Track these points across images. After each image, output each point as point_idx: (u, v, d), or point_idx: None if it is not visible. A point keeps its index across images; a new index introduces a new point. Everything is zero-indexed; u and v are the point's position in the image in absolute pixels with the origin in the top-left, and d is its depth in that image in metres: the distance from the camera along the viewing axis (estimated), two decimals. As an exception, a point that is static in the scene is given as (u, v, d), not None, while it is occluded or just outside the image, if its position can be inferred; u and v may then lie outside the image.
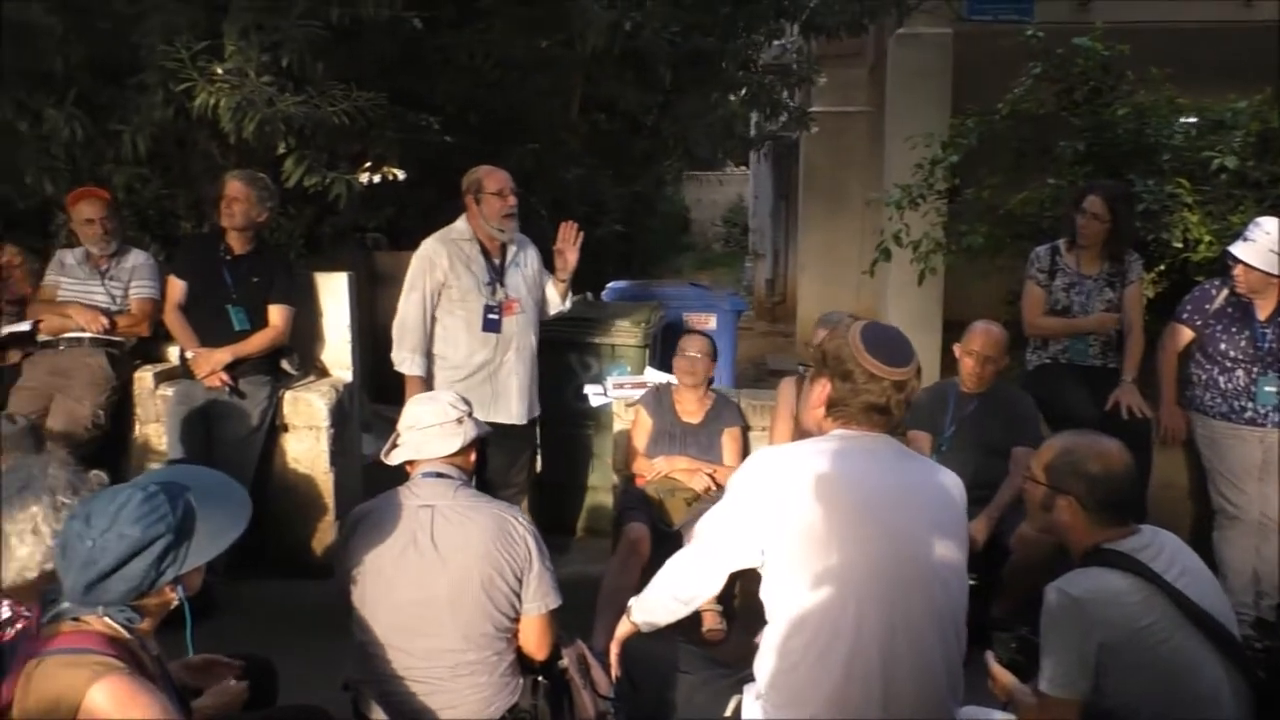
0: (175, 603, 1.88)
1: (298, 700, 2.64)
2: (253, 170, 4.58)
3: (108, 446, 4.44)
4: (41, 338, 4.45)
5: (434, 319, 4.19)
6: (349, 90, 4.33)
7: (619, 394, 4.66)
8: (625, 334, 5.11)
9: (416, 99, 5.85)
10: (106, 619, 1.81)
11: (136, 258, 4.62)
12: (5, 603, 2.17)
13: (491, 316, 4.18)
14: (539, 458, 5.24)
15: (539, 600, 2.49)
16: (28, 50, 4.79)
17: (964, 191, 5.31)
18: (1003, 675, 2.32)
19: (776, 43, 8.01)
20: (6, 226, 4.77)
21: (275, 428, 4.57)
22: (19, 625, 2.15)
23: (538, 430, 4.89)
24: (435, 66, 5.76)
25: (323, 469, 4.63)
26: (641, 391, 4.49)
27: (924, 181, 5.21)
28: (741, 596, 3.94)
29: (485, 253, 4.21)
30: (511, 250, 4.29)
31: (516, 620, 2.51)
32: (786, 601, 2.05)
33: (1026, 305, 4.38)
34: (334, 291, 4.87)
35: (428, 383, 4.13)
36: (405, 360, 4.15)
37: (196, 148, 5.34)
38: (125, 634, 1.82)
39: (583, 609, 2.60)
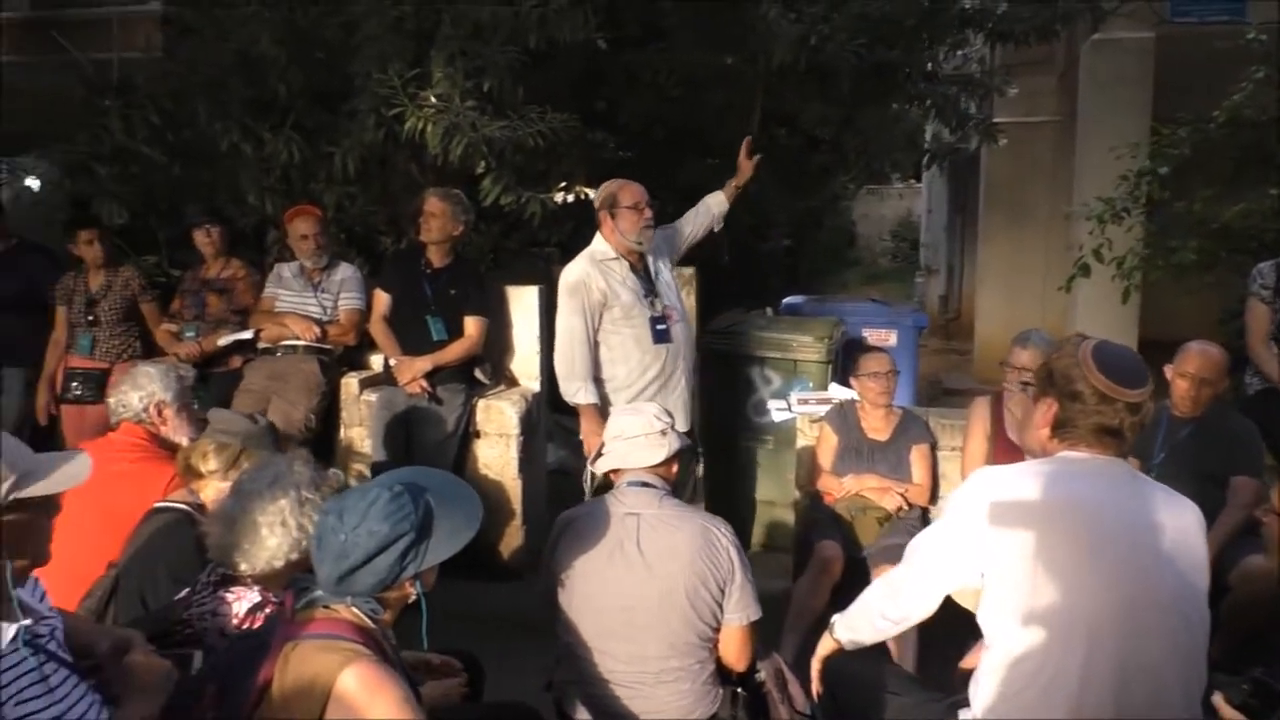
0: (413, 597, 1.98)
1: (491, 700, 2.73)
2: (447, 188, 4.80)
3: (317, 447, 4.74)
4: (261, 345, 4.79)
5: (596, 343, 4.07)
6: (544, 112, 4.50)
7: (803, 409, 4.63)
8: (808, 349, 5.08)
9: (600, 117, 6.02)
10: (354, 609, 1.93)
11: (345, 271, 4.91)
12: (256, 589, 2.35)
13: (660, 328, 4.10)
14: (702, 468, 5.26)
15: (741, 611, 2.50)
16: (254, 79, 5.21)
17: (1171, 204, 5.02)
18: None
19: (959, 53, 7.82)
20: (231, 243, 5.16)
21: (468, 434, 4.76)
22: (267, 610, 2.33)
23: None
24: (620, 85, 5.92)
25: (511, 475, 4.80)
26: (826, 408, 4.45)
27: (1129, 194, 4.96)
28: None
29: (631, 267, 4.13)
30: (649, 260, 4.24)
31: (718, 630, 2.53)
32: (1008, 629, 1.99)
33: (1252, 324, 4.10)
34: (524, 304, 5.05)
35: (601, 409, 4.05)
36: (578, 390, 4.03)
37: (397, 168, 5.66)
38: (370, 624, 1.94)
39: (762, 623, 2.61)
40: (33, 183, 10.32)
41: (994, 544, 2.00)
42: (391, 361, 4.63)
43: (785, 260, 11.18)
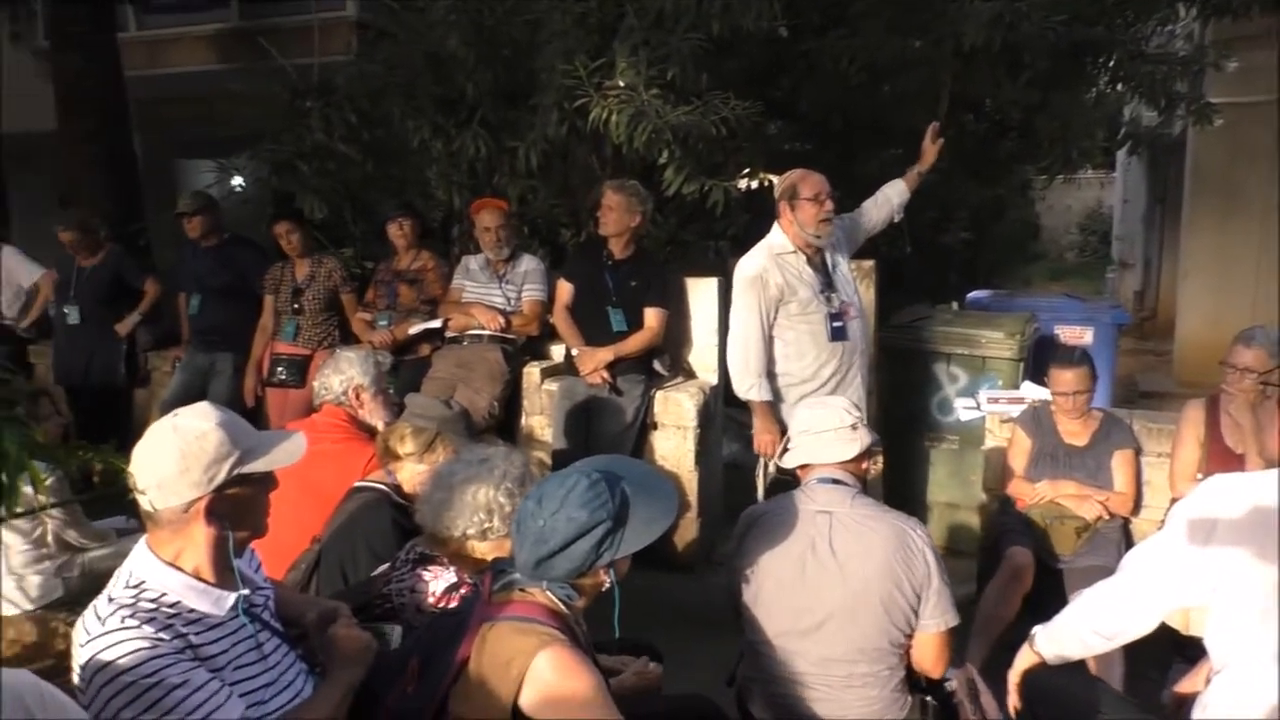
0: (606, 585, 1.98)
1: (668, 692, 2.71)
2: (624, 179, 4.82)
3: (499, 434, 4.86)
4: (448, 334, 4.95)
5: (771, 338, 4.01)
6: (727, 99, 4.45)
7: (993, 409, 4.41)
8: (998, 345, 4.84)
9: (779, 106, 5.92)
10: (549, 593, 1.94)
11: (528, 263, 5.02)
12: (452, 569, 2.41)
13: (837, 324, 3.99)
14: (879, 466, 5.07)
15: (938, 617, 2.38)
16: (443, 79, 5.39)
17: None
18: None
19: (1165, 29, 7.27)
20: (421, 236, 5.35)
21: (646, 425, 4.78)
22: (463, 590, 2.38)
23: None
24: (800, 73, 5.81)
25: (688, 467, 4.78)
26: (1018, 408, 4.21)
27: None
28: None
29: (809, 260, 4.03)
30: (827, 253, 4.10)
31: (909, 636, 2.42)
32: (1243, 651, 1.82)
33: None
34: (702, 296, 5.03)
35: (775, 406, 4.02)
36: (751, 386, 3.98)
37: (578, 161, 5.73)
38: (564, 609, 1.95)
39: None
40: (239, 181, 11.07)
41: (1229, 559, 1.83)
42: (573, 352, 4.70)
43: (966, 254, 10.72)
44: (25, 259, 6.40)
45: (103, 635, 1.73)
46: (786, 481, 3.35)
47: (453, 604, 2.37)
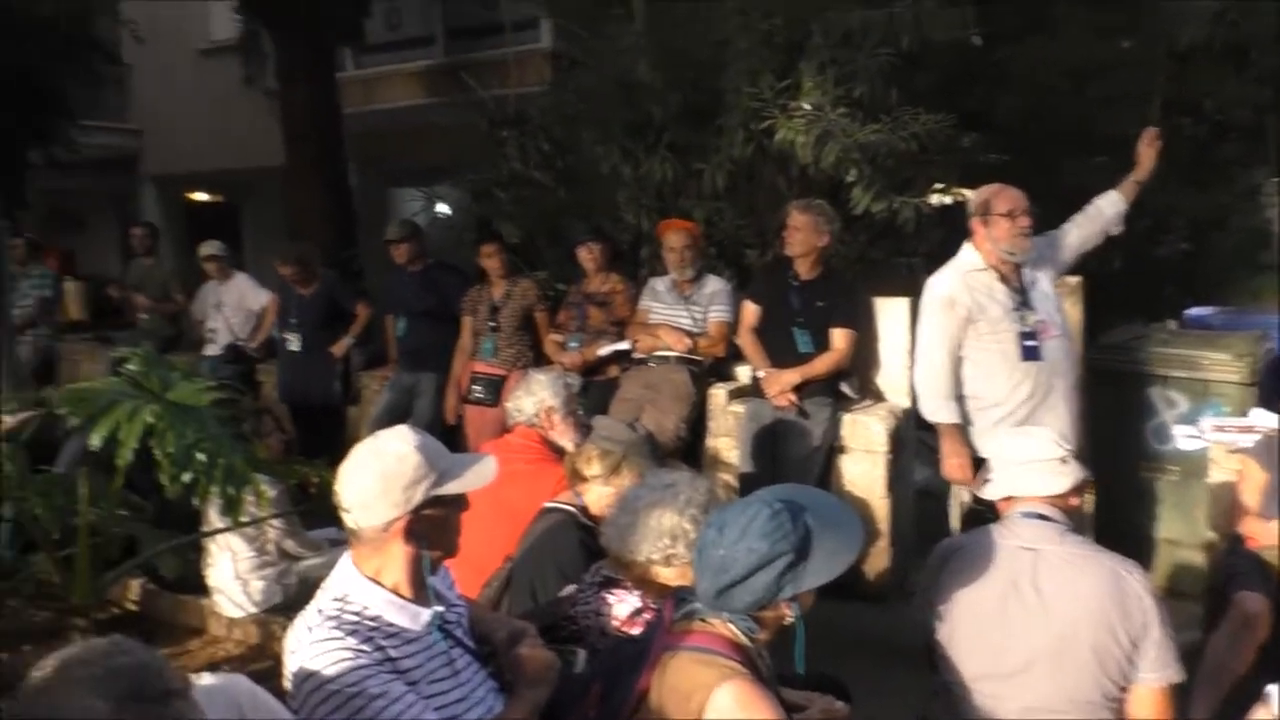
0: (789, 619, 1.93)
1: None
2: (810, 199, 4.74)
3: (685, 456, 4.87)
4: (636, 355, 5.01)
5: (960, 359, 3.82)
6: (917, 114, 4.32)
7: (1220, 438, 4.04)
8: (1224, 368, 4.43)
9: (971, 118, 5.69)
10: (731, 625, 1.91)
11: (714, 284, 5.02)
12: (636, 593, 2.42)
13: (1029, 344, 3.73)
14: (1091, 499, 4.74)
15: (1158, 670, 2.19)
16: (632, 104, 5.49)
17: None
18: None
19: None
20: (611, 259, 5.45)
21: (834, 449, 4.67)
22: (646, 615, 2.38)
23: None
24: (993, 82, 5.56)
25: (879, 494, 4.64)
26: (1249, 437, 3.85)
27: None
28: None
29: (1002, 278, 3.80)
30: (1025, 271, 3.85)
31: (1125, 689, 2.24)
32: None
33: None
34: (893, 316, 4.88)
35: (963, 430, 3.83)
36: (939, 409, 3.82)
37: (763, 181, 5.71)
38: (746, 641, 1.91)
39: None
40: (442, 208, 11.68)
41: None
42: (759, 373, 4.66)
43: (1184, 266, 9.92)
44: (255, 285, 6.96)
45: (311, 645, 1.84)
46: (982, 513, 3.19)
47: (636, 629, 2.38)
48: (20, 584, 4.12)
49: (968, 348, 3.80)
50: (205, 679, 1.57)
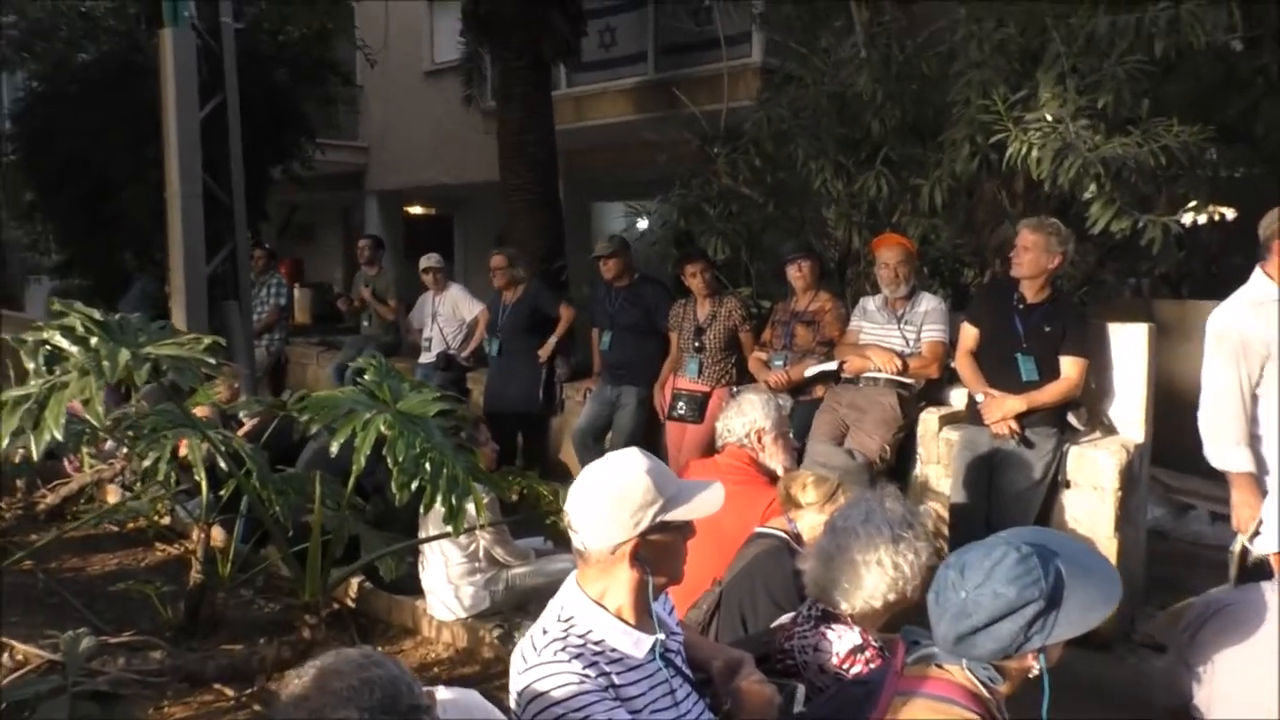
0: (1035, 672, 1.78)
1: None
2: (1042, 217, 4.46)
3: (891, 482, 4.68)
4: (844, 376, 4.86)
5: (1254, 398, 3.47)
6: (1170, 125, 3.98)
7: None
8: None
9: (1228, 129, 5.21)
10: (969, 673, 1.78)
11: (928, 302, 4.80)
12: (856, 629, 2.31)
13: None
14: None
15: None
16: (848, 119, 5.36)
17: None
18: None
19: None
20: (819, 277, 5.33)
21: (1056, 483, 4.37)
22: (867, 652, 2.27)
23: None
24: (1257, 90, 5.07)
25: (1106, 533, 4.30)
26: None
27: None
28: None
29: None
30: None
31: None
32: None
33: None
34: (1129, 344, 4.52)
35: (1258, 478, 3.46)
36: (1230, 456, 3.47)
37: (984, 197, 5.44)
38: (985, 693, 1.78)
39: None
40: (643, 223, 11.84)
41: None
42: (977, 399, 4.42)
43: None
44: (468, 295, 7.25)
45: (538, 666, 1.84)
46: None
47: (856, 666, 2.28)
48: (253, 577, 4.43)
49: (1262, 387, 3.45)
50: (441, 692, 1.59)
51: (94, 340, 2.75)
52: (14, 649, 2.91)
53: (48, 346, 2.75)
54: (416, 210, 15.72)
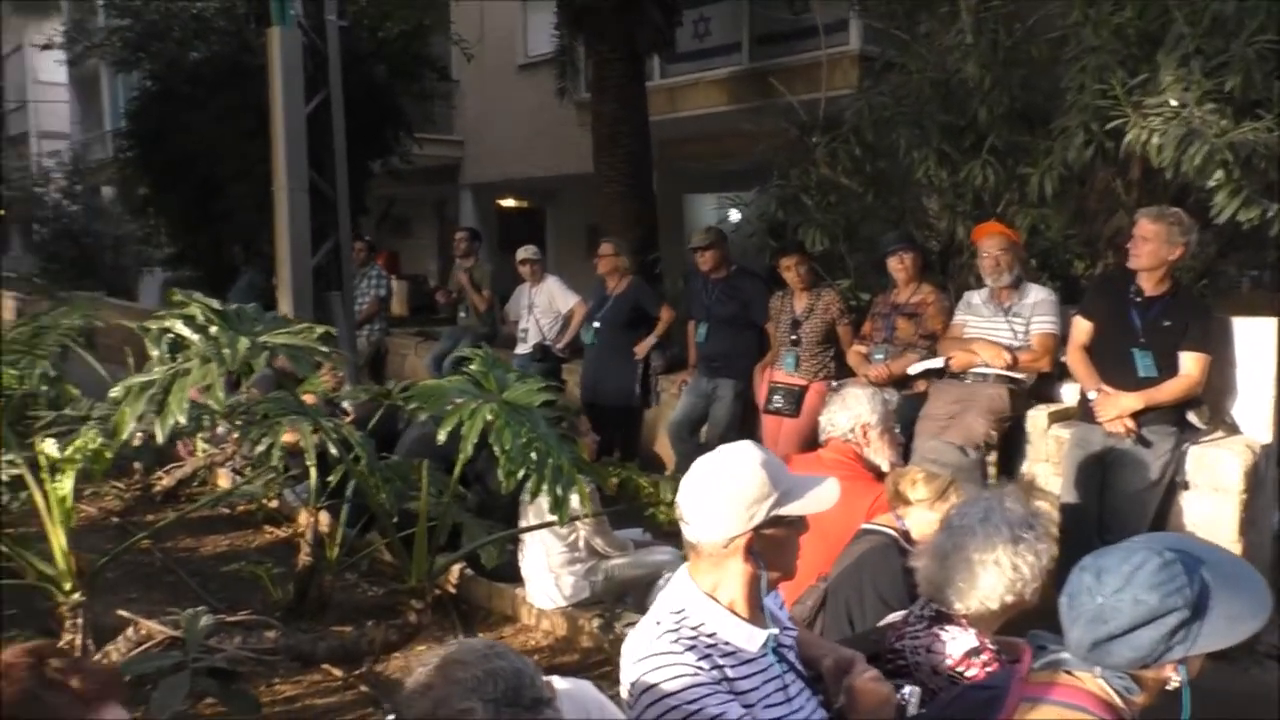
0: (1174, 683, 1.70)
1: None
2: (1162, 206, 4.27)
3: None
4: (950, 372, 4.73)
5: None
6: (1302, 109, 3.77)
7: None
8: None
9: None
10: (1102, 681, 1.71)
11: (1037, 293, 4.64)
12: (972, 631, 2.25)
13: None
14: None
15: None
16: (952, 106, 5.21)
17: None
18: None
19: None
20: (921, 269, 5.20)
21: (1174, 484, 4.19)
22: (984, 655, 2.21)
23: None
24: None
25: (1229, 537, 4.10)
26: None
27: None
28: None
29: None
30: None
31: None
32: None
33: None
34: (1255, 339, 4.31)
35: None
36: None
37: (1096, 186, 5.24)
38: (1120, 703, 1.70)
39: None
40: (734, 215, 11.75)
41: None
42: (1090, 395, 4.26)
43: None
44: (564, 287, 7.28)
45: (651, 657, 1.82)
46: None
47: (972, 669, 2.21)
48: (357, 562, 4.54)
49: None
50: (557, 683, 1.59)
51: (214, 329, 2.84)
52: (138, 625, 3.02)
53: (170, 335, 2.84)
54: (509, 203, 15.91)
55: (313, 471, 3.94)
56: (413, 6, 10.78)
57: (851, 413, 3.37)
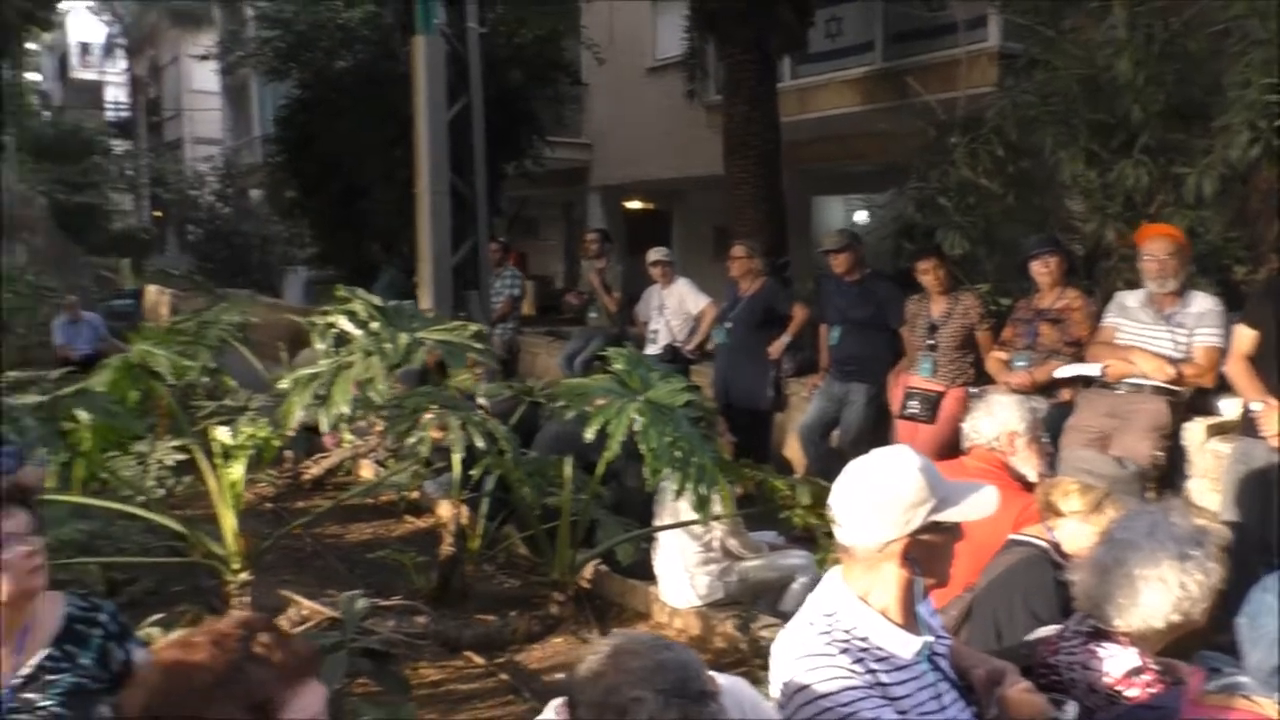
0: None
1: None
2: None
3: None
4: (1102, 380, 4.52)
5: None
6: None
7: None
8: None
9: None
10: (1281, 708, 1.64)
11: (1204, 302, 4.38)
12: (1133, 649, 2.17)
13: None
14: None
15: None
16: (1102, 104, 5.02)
17: None
18: None
19: None
20: (1066, 273, 5.02)
21: (1349, 506, 3.94)
22: (1145, 675, 2.13)
23: None
24: None
25: None
26: None
27: None
28: None
29: None
30: None
31: None
32: None
33: None
34: None
35: None
36: None
37: (1259, 187, 4.97)
38: (1301, 729, 1.63)
39: None
40: (860, 217, 11.58)
41: None
42: (1253, 408, 4.03)
43: None
44: (694, 289, 7.31)
45: (805, 657, 1.83)
46: None
47: (1133, 689, 2.14)
48: (496, 554, 4.67)
49: None
50: (717, 678, 1.62)
51: (375, 325, 2.97)
52: (300, 605, 3.19)
53: (334, 330, 2.99)
54: (634, 205, 16.06)
55: (457, 464, 4.07)
56: (547, 12, 11.00)
57: (998, 420, 3.29)
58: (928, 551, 1.88)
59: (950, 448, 4.42)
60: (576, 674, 1.46)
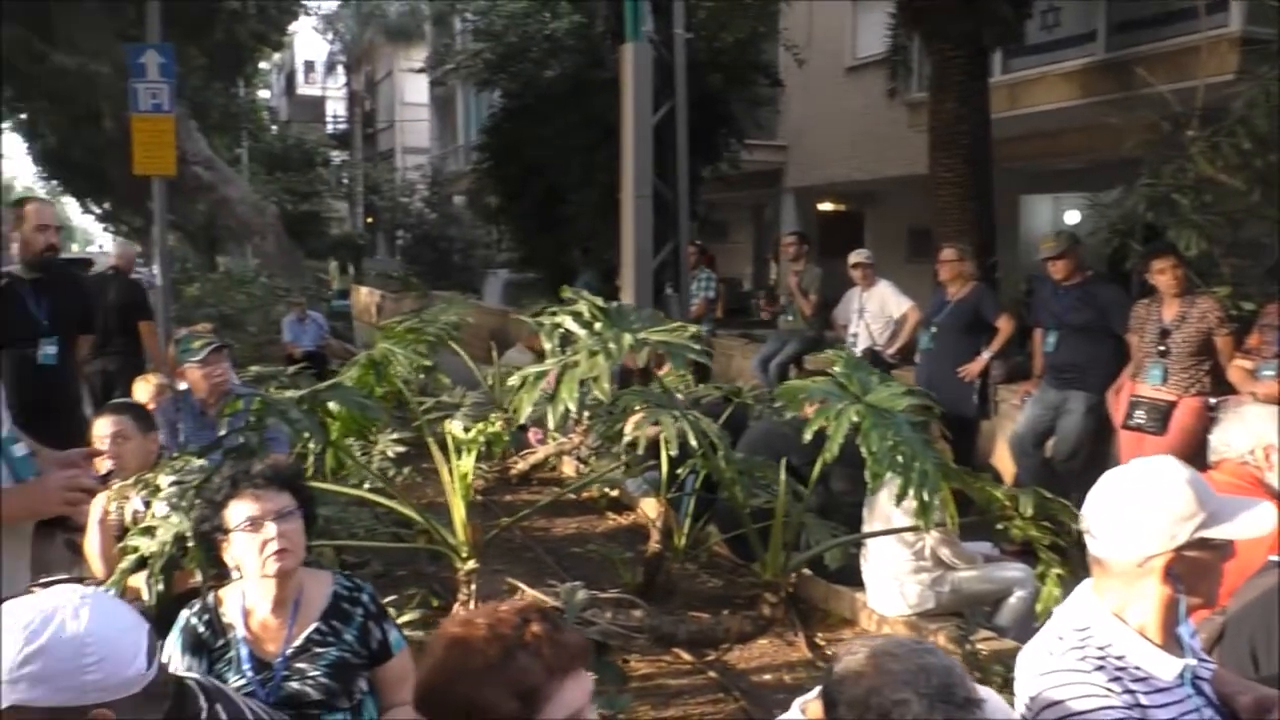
0: None
1: None
2: None
3: None
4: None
5: None
6: None
7: None
8: None
9: None
10: None
11: None
12: None
13: None
14: None
15: None
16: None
17: None
18: None
19: None
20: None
21: None
22: None
23: None
24: None
25: None
26: None
27: None
28: None
29: None
30: None
31: None
32: None
33: None
34: None
35: None
36: None
37: None
38: None
39: None
40: (1070, 217, 10.95)
41: None
42: None
43: None
44: (896, 292, 7.14)
45: (1057, 672, 1.76)
46: None
47: None
48: (699, 552, 4.72)
49: None
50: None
51: (598, 325, 3.06)
52: (523, 593, 3.32)
53: (561, 329, 3.11)
54: (827, 207, 15.82)
55: (665, 462, 4.13)
56: (747, 15, 11.01)
57: (1253, 432, 3.05)
58: (1194, 569, 1.77)
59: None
60: (833, 673, 1.46)
